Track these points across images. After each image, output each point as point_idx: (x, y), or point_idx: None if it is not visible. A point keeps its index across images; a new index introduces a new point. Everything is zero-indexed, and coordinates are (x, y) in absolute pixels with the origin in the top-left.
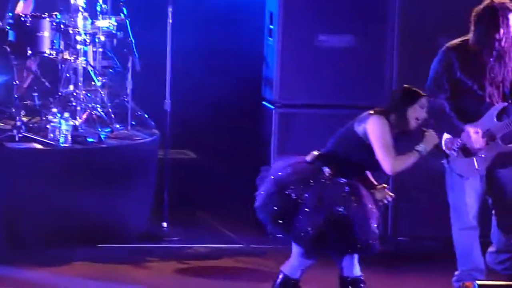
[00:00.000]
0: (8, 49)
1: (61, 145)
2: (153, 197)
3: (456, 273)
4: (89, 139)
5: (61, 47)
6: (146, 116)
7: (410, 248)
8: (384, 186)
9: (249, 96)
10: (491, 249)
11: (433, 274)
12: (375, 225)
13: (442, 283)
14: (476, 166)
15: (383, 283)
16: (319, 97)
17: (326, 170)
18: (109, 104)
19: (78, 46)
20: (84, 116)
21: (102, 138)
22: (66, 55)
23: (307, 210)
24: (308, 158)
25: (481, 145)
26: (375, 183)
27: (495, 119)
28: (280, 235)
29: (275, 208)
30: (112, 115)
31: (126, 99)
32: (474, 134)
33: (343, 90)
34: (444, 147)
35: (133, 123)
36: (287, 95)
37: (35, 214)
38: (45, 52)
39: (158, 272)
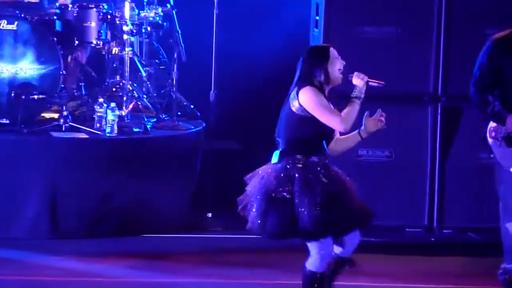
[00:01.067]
0: (55, 39)
1: (107, 135)
2: (197, 187)
3: (502, 266)
4: (135, 129)
5: (107, 37)
6: (192, 106)
7: (454, 240)
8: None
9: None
10: None
11: (478, 267)
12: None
13: (486, 276)
14: None
15: (425, 273)
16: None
17: (297, 157)
18: (155, 95)
19: (125, 37)
20: (130, 106)
21: (148, 128)
22: (113, 46)
23: (304, 200)
24: (273, 161)
25: None
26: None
27: None
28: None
29: (276, 219)
30: (158, 106)
31: (172, 90)
32: None
33: (388, 82)
34: (488, 136)
35: (179, 113)
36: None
37: (80, 204)
38: (92, 43)
39: (201, 262)
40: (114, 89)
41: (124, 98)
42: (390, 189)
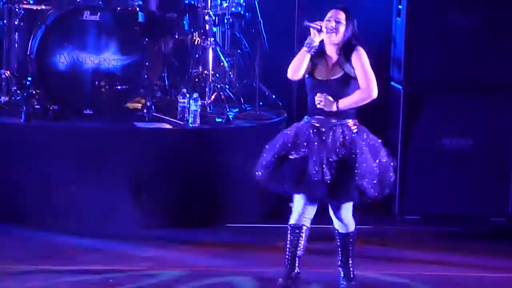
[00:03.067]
0: (138, 30)
1: (190, 125)
2: None
3: None
4: (217, 119)
5: (190, 28)
6: (274, 96)
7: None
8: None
9: (377, 76)
10: None
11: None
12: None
13: None
14: None
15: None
16: (448, 77)
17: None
18: (237, 85)
19: (207, 27)
20: (213, 96)
21: (230, 118)
22: (195, 36)
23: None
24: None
25: None
26: None
27: None
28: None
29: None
30: (240, 96)
31: (254, 80)
32: None
33: (472, 68)
34: None
35: (261, 103)
36: (415, 76)
37: (163, 194)
38: (174, 33)
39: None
40: (196, 80)
41: (207, 89)
42: (473, 178)
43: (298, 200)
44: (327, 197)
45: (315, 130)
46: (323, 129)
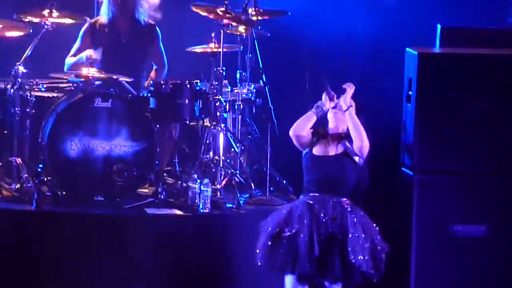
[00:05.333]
0: (149, 116)
1: (201, 211)
2: None
3: None
4: (228, 205)
5: (201, 114)
6: (285, 181)
7: None
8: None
9: (388, 162)
10: None
11: None
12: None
13: None
14: None
15: None
16: (459, 163)
17: None
18: (248, 170)
19: (218, 113)
20: (224, 181)
21: (241, 204)
22: (206, 122)
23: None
24: None
25: None
26: None
27: None
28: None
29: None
30: (251, 181)
31: (265, 165)
32: None
33: (483, 156)
34: None
35: (272, 188)
36: (427, 162)
37: (179, 277)
38: (185, 119)
39: None
40: (207, 165)
41: (218, 174)
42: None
43: (289, 284)
44: (317, 276)
45: (308, 207)
46: (316, 206)
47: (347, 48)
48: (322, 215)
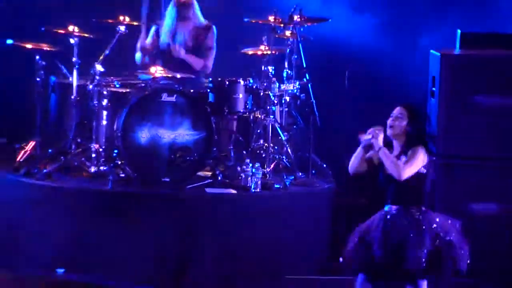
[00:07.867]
0: (208, 109)
1: (252, 190)
2: (331, 235)
3: None
4: (276, 186)
5: (253, 107)
6: (324, 165)
7: None
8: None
9: None
10: None
11: None
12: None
13: None
14: None
15: None
16: (478, 150)
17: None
18: (293, 156)
19: (267, 106)
20: (272, 165)
21: (287, 185)
22: (257, 114)
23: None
24: None
25: None
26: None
27: None
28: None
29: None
30: (296, 165)
31: (307, 151)
32: None
33: (504, 151)
34: None
35: (313, 171)
36: (449, 149)
37: (228, 247)
38: (240, 111)
39: None
40: (258, 151)
41: (267, 159)
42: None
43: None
44: (388, 279)
45: (388, 217)
46: (389, 216)
47: (378, 51)
48: (397, 223)
